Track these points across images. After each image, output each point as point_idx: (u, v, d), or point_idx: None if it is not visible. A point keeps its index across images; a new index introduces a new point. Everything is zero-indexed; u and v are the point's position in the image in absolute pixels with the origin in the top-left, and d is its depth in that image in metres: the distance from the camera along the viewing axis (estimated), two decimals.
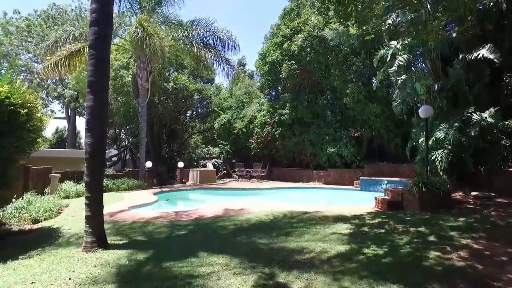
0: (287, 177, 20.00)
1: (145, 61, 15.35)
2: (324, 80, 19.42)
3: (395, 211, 7.73)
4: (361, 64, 16.60)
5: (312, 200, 13.52)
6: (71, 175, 13.49)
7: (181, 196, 14.07)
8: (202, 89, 24.26)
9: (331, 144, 17.32)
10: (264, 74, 21.78)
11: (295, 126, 19.79)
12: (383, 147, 17.06)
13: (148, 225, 6.61)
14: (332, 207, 8.81)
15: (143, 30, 13.14)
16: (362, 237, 5.34)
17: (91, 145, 4.84)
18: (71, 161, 14.72)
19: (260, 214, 7.59)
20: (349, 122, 18.17)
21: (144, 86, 15.34)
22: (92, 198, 4.89)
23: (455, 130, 8.89)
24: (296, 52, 18.95)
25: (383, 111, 15.90)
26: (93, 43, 4.86)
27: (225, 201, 13.51)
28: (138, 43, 12.97)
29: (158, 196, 12.26)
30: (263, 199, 13.92)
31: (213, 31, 15.41)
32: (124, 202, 10.00)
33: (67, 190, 11.58)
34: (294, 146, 19.61)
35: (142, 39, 12.85)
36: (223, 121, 24.13)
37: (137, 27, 13.42)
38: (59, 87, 24.55)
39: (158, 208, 10.08)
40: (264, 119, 21.33)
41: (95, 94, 4.84)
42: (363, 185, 14.70)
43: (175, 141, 25.12)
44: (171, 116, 22.75)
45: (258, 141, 21.49)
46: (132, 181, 14.52)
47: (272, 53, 20.84)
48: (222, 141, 24.82)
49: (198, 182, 17.98)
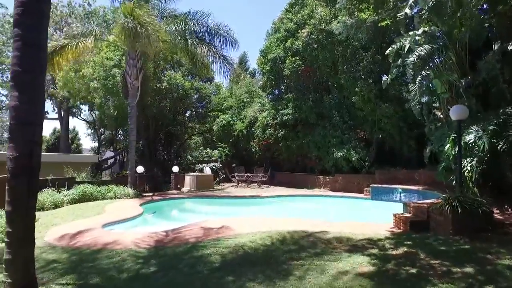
0: (290, 183, 18.61)
1: (135, 58, 14.04)
2: (330, 78, 18.05)
3: (421, 233, 6.33)
4: (371, 60, 15.17)
5: (318, 211, 12.14)
6: (52, 182, 12.21)
7: (171, 206, 12.73)
8: (200, 88, 22.95)
9: (338, 147, 15.90)
10: (266, 72, 20.42)
11: (299, 128, 18.40)
12: (395, 150, 15.62)
13: (112, 255, 5.26)
14: (342, 225, 7.42)
15: (133, 19, 11.85)
16: (389, 283, 3.95)
17: (15, 160, 3.50)
18: (55, 166, 13.47)
19: (256, 238, 6.22)
20: (357, 124, 16.73)
21: (134, 84, 14.03)
22: (15, 235, 3.48)
23: (489, 134, 7.44)
24: (300, 48, 17.58)
25: (395, 111, 14.48)
26: (19, 20, 3.53)
27: (219, 212, 12.21)
28: (128, 34, 11.66)
29: (145, 207, 10.94)
30: (262, 210, 12.57)
31: (208, 25, 14.08)
32: (101, 217, 8.70)
33: (42, 200, 10.29)
34: (298, 149, 18.22)
35: (132, 29, 11.53)
36: (223, 123, 22.80)
37: (126, 16, 12.12)
38: (50, 86, 23.38)
39: (139, 224, 8.75)
40: (266, 120, 19.98)
41: (21, 91, 3.50)
42: (374, 193, 13.27)
43: (173, 143, 23.83)
44: (168, 116, 21.45)
45: (259, 144, 20.15)
46: (120, 189, 13.21)
47: (274, 49, 19.47)
48: (222, 143, 23.51)
49: (195, 188, 16.64)
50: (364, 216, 11.03)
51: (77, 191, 11.98)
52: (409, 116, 14.99)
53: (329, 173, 16.78)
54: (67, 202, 11.36)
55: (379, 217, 10.52)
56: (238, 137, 22.18)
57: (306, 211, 12.40)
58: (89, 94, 17.97)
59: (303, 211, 12.43)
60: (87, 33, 13.60)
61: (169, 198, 13.22)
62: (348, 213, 11.60)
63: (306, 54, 17.48)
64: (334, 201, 13.86)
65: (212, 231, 6.85)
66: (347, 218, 10.34)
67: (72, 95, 19.47)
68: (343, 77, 16.40)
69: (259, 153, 20.47)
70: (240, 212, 12.32)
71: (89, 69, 17.00)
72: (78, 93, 18.44)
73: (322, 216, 10.88)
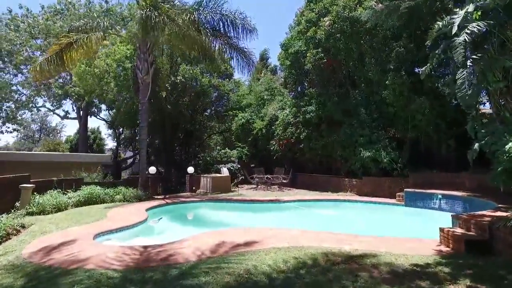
0: (313, 185, 17.23)
1: (146, 51, 13.17)
2: (356, 71, 16.51)
3: (482, 257, 4.90)
4: (403, 50, 13.55)
5: (345, 220, 10.74)
6: (58, 183, 11.54)
7: (181, 211, 11.70)
8: (218, 85, 21.99)
9: (366, 147, 14.39)
10: (287, 67, 19.14)
11: (323, 126, 16.99)
12: (431, 151, 13.93)
13: (77, 279, 4.19)
14: (376, 241, 6.11)
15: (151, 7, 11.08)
16: None
17: None
18: (64, 166, 12.88)
19: (278, 257, 5.05)
20: (387, 121, 15.11)
21: (144, 80, 13.17)
22: None
23: None
24: (322, 39, 16.16)
25: (432, 106, 12.83)
26: None
27: (232, 220, 11.08)
28: (144, 23, 10.88)
29: (152, 212, 10.01)
30: (282, 218, 11.32)
31: (223, 13, 12.98)
32: (99, 224, 7.79)
33: (42, 203, 9.54)
34: (321, 149, 16.79)
35: (150, 17, 10.76)
36: (242, 121, 21.71)
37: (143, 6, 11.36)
38: (67, 84, 23.20)
39: (140, 233, 7.76)
40: (287, 118, 18.69)
41: None
42: (409, 198, 11.70)
43: (192, 142, 22.99)
44: (185, 115, 20.60)
45: (280, 143, 18.90)
46: (130, 191, 12.39)
47: (295, 43, 18.17)
48: (240, 143, 22.44)
49: (210, 191, 15.64)
50: (400, 227, 9.55)
51: (83, 193, 11.26)
52: (447, 111, 13.34)
53: (355, 175, 15.29)
54: (72, 205, 10.64)
55: (418, 229, 9.06)
56: (257, 136, 21.03)
57: (332, 219, 11.02)
58: (102, 90, 17.38)
59: (328, 219, 11.06)
60: (96, 27, 12.89)
61: (180, 202, 12.22)
62: (381, 223, 10.12)
63: (329, 45, 16.05)
64: (362, 207, 12.40)
65: (217, 247, 5.72)
66: (380, 229, 8.98)
67: (86, 92, 19.01)
68: (371, 70, 14.91)
69: (280, 153, 19.21)
70: (257, 219, 11.16)
71: (101, 62, 16.38)
72: (91, 89, 17.91)
73: (350, 226, 9.53)
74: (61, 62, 11.86)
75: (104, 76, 16.89)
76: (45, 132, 52.59)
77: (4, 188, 9.33)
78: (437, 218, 10.16)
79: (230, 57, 15.23)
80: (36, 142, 49.41)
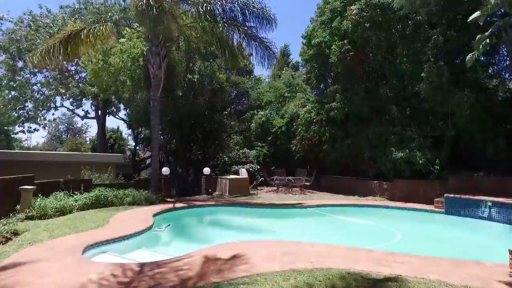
0: (338, 188, 15.89)
1: (157, 44, 12.35)
2: (386, 64, 15.06)
3: None
4: (441, 38, 12.03)
5: (378, 231, 9.33)
6: (65, 185, 10.88)
7: (192, 217, 10.71)
8: (238, 82, 21.03)
9: (397, 146, 12.97)
10: (309, 60, 17.88)
11: (349, 124, 15.64)
12: (475, 151, 12.32)
13: None
14: (423, 263, 4.91)
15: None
16: None
17: None
18: (73, 166, 12.27)
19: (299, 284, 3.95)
20: (422, 118, 13.58)
21: (156, 75, 12.36)
22: None
23: None
24: (349, 29, 14.84)
25: (477, 99, 11.24)
26: None
27: (250, 227, 9.98)
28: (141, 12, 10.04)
29: (160, 217, 9.11)
30: (304, 226, 10.16)
31: (239, 1, 11.96)
32: (98, 232, 6.94)
33: (44, 206, 8.85)
34: (347, 149, 15.43)
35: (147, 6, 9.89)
36: (261, 120, 20.64)
37: None
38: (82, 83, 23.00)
39: (141, 244, 6.79)
40: (310, 115, 17.45)
41: None
42: (450, 205, 10.22)
43: (210, 142, 22.13)
44: (203, 113, 19.76)
45: (301, 143, 17.67)
46: (141, 193, 11.60)
47: (319, 33, 16.89)
48: (260, 142, 21.38)
49: (227, 193, 14.69)
50: (445, 241, 8.09)
51: (90, 195, 10.54)
52: (494, 106, 11.71)
53: (386, 177, 13.88)
54: (78, 208, 9.89)
55: (471, 246, 7.63)
56: (277, 135, 19.90)
57: (361, 229, 9.66)
58: (118, 88, 16.81)
59: (357, 228, 9.71)
60: (105, 19, 12.24)
61: (193, 206, 11.28)
62: (421, 236, 8.67)
63: (356, 36, 14.69)
64: (396, 214, 11.00)
65: (225, 266, 4.68)
66: (421, 244, 7.66)
67: (101, 90, 18.54)
68: (404, 62, 13.46)
69: (301, 154, 17.97)
70: (277, 227, 10.02)
71: (115, 58, 15.77)
72: (106, 87, 17.40)
73: (384, 238, 8.21)
74: (65, 51, 11.23)
75: (120, 73, 16.30)
76: (72, 132, 53.65)
77: (4, 190, 8.71)
78: (490, 231, 8.71)
79: (249, 53, 14.22)
80: (63, 142, 50.43)
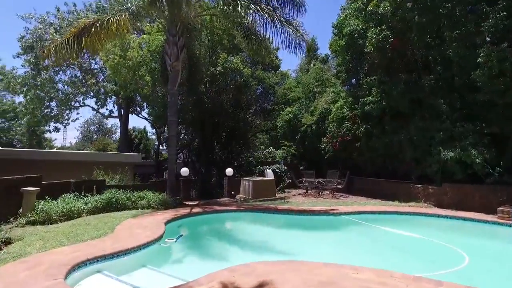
0: (375, 192, 14.23)
1: (175, 34, 11.35)
2: (431, 50, 13.18)
3: None
4: (503, 15, 10.11)
5: (435, 249, 7.21)
6: (77, 186, 10.12)
7: (210, 225, 9.53)
8: (263, 77, 19.80)
9: (446, 145, 11.18)
10: (341, 52, 16.30)
11: (386, 120, 13.92)
12: None
13: None
14: None
15: None
16: None
17: None
18: (85, 165, 11.56)
19: None
20: (477, 111, 11.63)
21: (173, 67, 11.36)
22: None
23: None
24: (388, 13, 13.15)
25: None
26: None
27: (276, 240, 8.49)
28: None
29: (173, 225, 8.03)
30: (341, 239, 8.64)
31: None
32: (98, 242, 5.95)
33: (47, 210, 8.04)
34: (384, 148, 13.73)
35: None
36: (288, 117, 19.28)
37: None
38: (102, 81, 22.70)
39: (142, 263, 5.61)
40: (342, 111, 15.88)
41: None
42: None
43: (235, 141, 21.05)
44: (227, 111, 18.70)
45: (333, 141, 16.12)
46: (156, 196, 10.64)
47: (351, 21, 15.29)
48: (287, 141, 20.01)
49: (251, 196, 13.48)
50: None
51: (102, 198, 9.70)
52: None
53: (431, 181, 12.11)
54: (87, 211, 9.09)
55: None
56: (305, 134, 18.44)
57: (412, 244, 7.74)
58: (138, 84, 16.13)
59: (407, 244, 7.81)
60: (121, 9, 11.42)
61: (213, 211, 10.12)
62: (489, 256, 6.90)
63: (397, 20, 12.98)
64: (450, 225, 9.24)
65: None
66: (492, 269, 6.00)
67: (121, 87, 17.97)
68: (453, 48, 11.59)
69: (332, 153, 16.41)
70: (307, 239, 8.60)
71: (133, 52, 15.06)
72: (126, 82, 16.78)
73: (448, 259, 6.38)
74: (79, 46, 10.48)
75: (139, 68, 15.59)
76: (102, 133, 54.81)
77: (6, 192, 8.00)
78: None
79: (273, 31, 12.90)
80: (93, 142, 51.59)
